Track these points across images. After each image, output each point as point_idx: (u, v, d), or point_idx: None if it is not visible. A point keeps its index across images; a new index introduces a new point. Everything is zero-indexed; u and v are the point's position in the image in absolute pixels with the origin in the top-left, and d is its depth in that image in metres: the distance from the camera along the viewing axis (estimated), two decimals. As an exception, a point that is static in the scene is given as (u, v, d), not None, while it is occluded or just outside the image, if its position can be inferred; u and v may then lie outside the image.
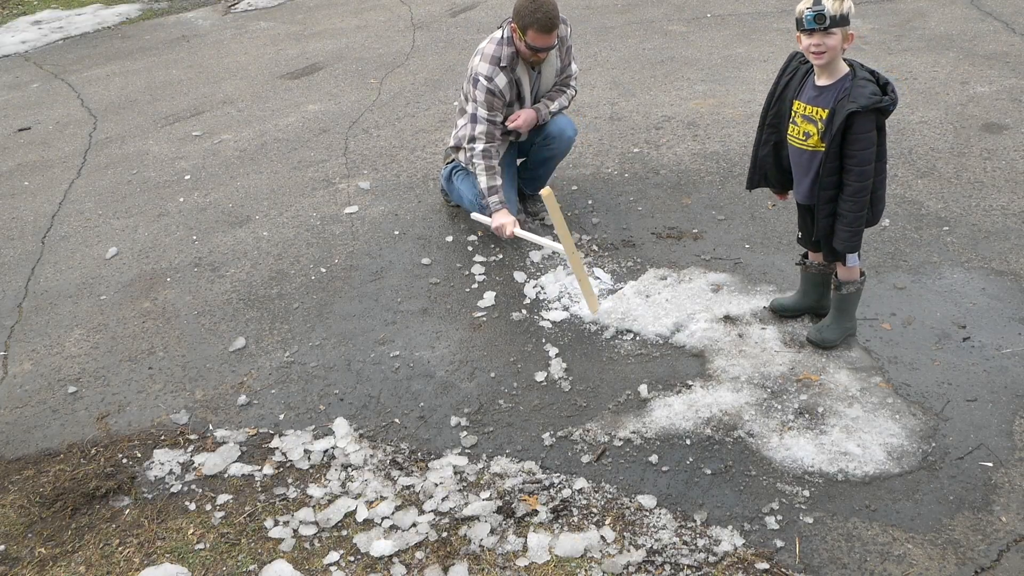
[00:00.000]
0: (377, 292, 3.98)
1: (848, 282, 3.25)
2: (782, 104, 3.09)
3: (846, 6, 2.86)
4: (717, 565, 2.54)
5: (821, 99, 2.95)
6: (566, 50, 4.21)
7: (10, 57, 8.26)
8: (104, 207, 5.03)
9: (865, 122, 2.86)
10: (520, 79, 4.10)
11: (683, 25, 7.12)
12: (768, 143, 3.18)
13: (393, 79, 6.58)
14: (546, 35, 3.86)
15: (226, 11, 9.12)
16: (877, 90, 2.86)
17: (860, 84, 2.87)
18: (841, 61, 2.94)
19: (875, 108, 2.83)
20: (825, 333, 3.35)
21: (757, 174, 3.26)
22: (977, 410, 3.00)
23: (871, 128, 2.88)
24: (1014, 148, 4.67)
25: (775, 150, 3.18)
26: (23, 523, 2.91)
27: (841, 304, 3.31)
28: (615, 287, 3.84)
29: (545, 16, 3.80)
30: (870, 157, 2.90)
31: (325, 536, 2.76)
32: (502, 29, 4.04)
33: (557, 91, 4.28)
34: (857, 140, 2.88)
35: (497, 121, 4.08)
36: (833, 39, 2.86)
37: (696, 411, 3.11)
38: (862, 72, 2.92)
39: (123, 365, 3.66)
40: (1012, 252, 3.81)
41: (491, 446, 3.07)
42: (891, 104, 2.86)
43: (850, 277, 3.25)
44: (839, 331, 3.35)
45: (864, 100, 2.82)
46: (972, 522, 2.61)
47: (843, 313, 3.33)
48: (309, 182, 5.07)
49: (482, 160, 4.05)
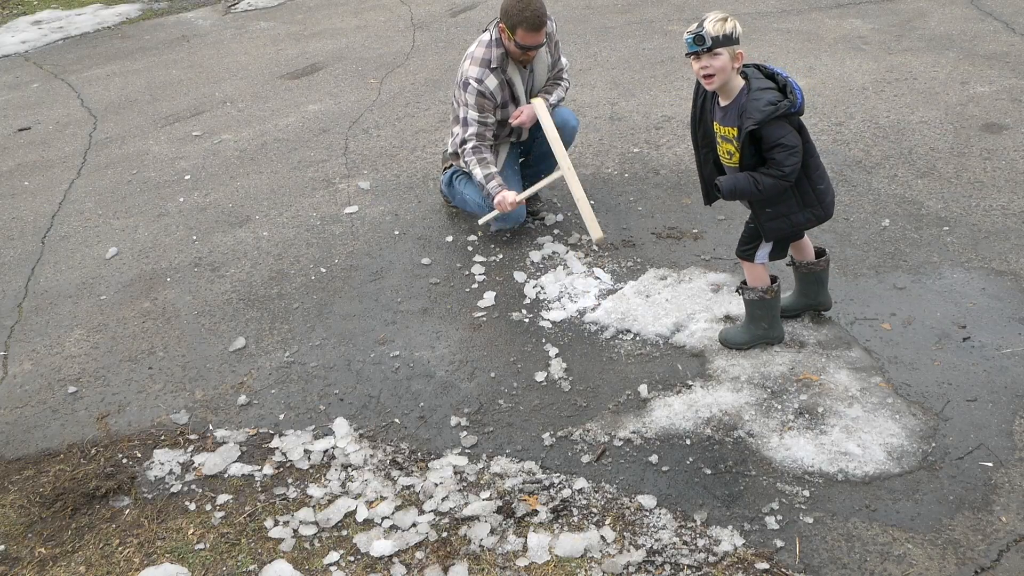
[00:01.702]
0: (377, 292, 3.98)
1: (751, 288, 3.25)
2: (706, 125, 3.11)
3: (728, 27, 2.83)
4: (717, 565, 2.54)
5: (728, 119, 2.97)
6: (555, 45, 4.23)
7: (10, 57, 8.26)
8: (104, 207, 5.04)
9: (773, 131, 2.87)
10: (512, 79, 4.10)
11: (683, 25, 7.12)
12: (708, 161, 3.20)
13: (393, 79, 6.58)
14: (535, 33, 3.87)
15: (226, 11, 9.12)
16: (774, 96, 2.85)
17: (754, 96, 2.86)
18: (736, 78, 2.92)
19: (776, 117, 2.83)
20: (731, 334, 3.36)
21: (711, 190, 3.22)
22: (977, 410, 3.00)
23: (784, 133, 2.87)
24: (1014, 148, 4.67)
25: (716, 165, 3.19)
26: (23, 523, 2.91)
27: (746, 307, 3.30)
28: (615, 287, 3.84)
29: (534, 14, 3.81)
30: (791, 159, 2.89)
31: (325, 536, 2.76)
32: (489, 32, 4.05)
33: (552, 85, 4.29)
34: (774, 147, 2.89)
35: (488, 123, 4.09)
36: (719, 60, 2.85)
37: (696, 411, 3.11)
38: (757, 82, 2.90)
39: (123, 365, 3.66)
40: (1012, 252, 3.81)
41: (491, 446, 3.07)
42: (791, 107, 2.85)
43: (754, 281, 3.23)
44: (746, 335, 3.33)
45: (758, 115, 2.83)
46: (972, 522, 2.61)
47: (751, 318, 3.31)
48: (309, 182, 5.07)
49: (473, 155, 4.08)
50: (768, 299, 3.24)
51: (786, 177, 2.93)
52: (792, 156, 2.89)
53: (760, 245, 3.17)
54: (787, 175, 2.92)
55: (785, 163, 2.89)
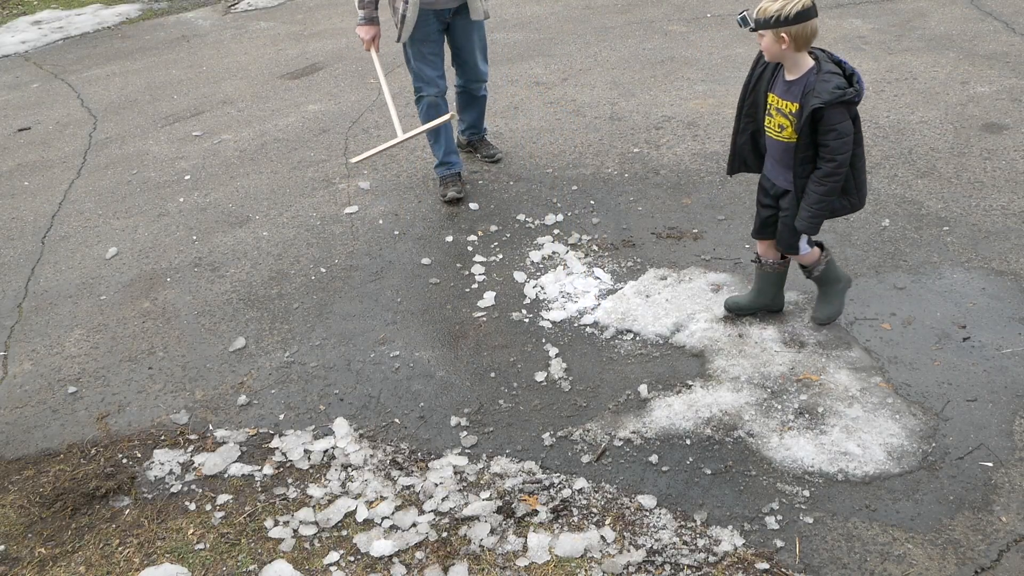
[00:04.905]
0: (377, 292, 3.98)
1: (813, 264, 3.38)
2: (756, 95, 3.17)
3: (772, 10, 2.89)
4: (717, 565, 2.54)
5: (790, 93, 3.02)
6: None
7: (10, 57, 8.26)
8: (104, 207, 5.04)
9: (834, 114, 2.93)
10: None
11: (683, 25, 7.12)
12: (746, 132, 3.26)
13: (393, 79, 6.57)
14: None
15: (226, 11, 9.12)
16: (842, 82, 2.91)
17: (824, 78, 2.93)
18: (804, 56, 2.98)
19: (841, 101, 2.89)
20: (827, 310, 3.47)
21: (736, 160, 3.35)
22: (977, 410, 3.00)
23: (842, 119, 2.94)
24: (1014, 148, 4.67)
25: (752, 138, 3.26)
26: (23, 523, 2.91)
27: (820, 281, 3.44)
28: (615, 287, 3.84)
29: None
30: (844, 147, 2.97)
31: (325, 536, 2.76)
32: None
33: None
34: (830, 131, 2.95)
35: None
36: (764, 40, 2.95)
37: (696, 411, 3.11)
38: (827, 65, 2.96)
39: (123, 365, 3.66)
40: (1012, 252, 3.81)
41: (491, 446, 3.07)
42: (856, 96, 2.92)
43: (810, 260, 3.37)
44: (836, 300, 3.47)
45: (827, 95, 2.89)
46: (972, 522, 2.61)
47: (828, 284, 3.45)
48: (309, 182, 5.07)
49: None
50: (832, 263, 3.40)
51: (839, 165, 2.99)
52: (845, 144, 2.96)
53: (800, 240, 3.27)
54: (840, 163, 2.99)
55: (838, 151, 2.97)
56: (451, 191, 4.61)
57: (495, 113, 5.61)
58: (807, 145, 3.01)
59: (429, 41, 4.37)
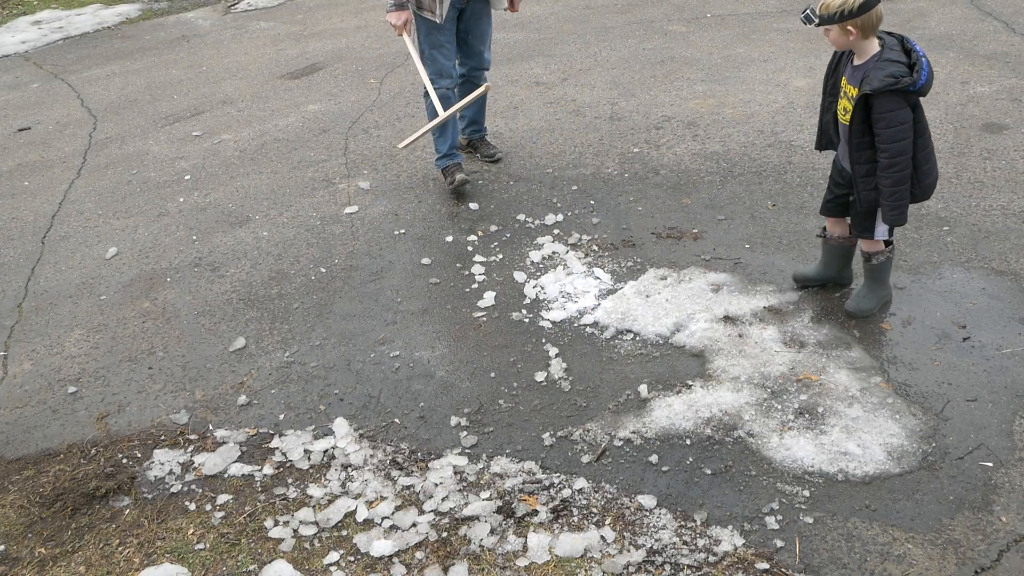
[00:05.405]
0: (377, 292, 3.98)
1: (875, 252, 3.39)
2: (837, 76, 3.25)
3: (834, 6, 2.96)
4: (717, 565, 2.54)
5: (854, 77, 3.10)
6: None
7: (10, 57, 8.26)
8: (104, 207, 5.04)
9: (886, 102, 2.96)
10: None
11: (683, 25, 7.12)
12: (830, 110, 3.34)
13: (393, 79, 6.58)
14: None
15: (226, 11, 9.12)
16: (899, 70, 2.94)
17: (881, 66, 2.97)
18: (872, 41, 3.04)
19: (893, 90, 2.92)
20: (862, 303, 3.47)
21: (824, 137, 3.43)
22: (977, 410, 3.00)
23: (895, 108, 2.96)
24: (1014, 148, 4.67)
25: (835, 117, 3.32)
26: (23, 523, 2.91)
27: (873, 274, 3.44)
28: (615, 287, 3.84)
29: None
30: (898, 135, 2.99)
31: (325, 536, 2.76)
32: None
33: None
34: (880, 119, 2.99)
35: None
36: (831, 34, 3.05)
37: (696, 411, 3.11)
38: (889, 52, 2.99)
39: (123, 365, 3.66)
40: (1012, 252, 3.81)
41: (491, 446, 3.07)
42: (911, 85, 2.94)
43: (876, 248, 3.38)
44: (875, 300, 3.47)
45: (877, 83, 2.93)
46: (972, 522, 2.61)
47: (877, 282, 3.46)
48: (309, 182, 5.07)
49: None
50: (892, 258, 3.42)
51: (893, 155, 3.02)
52: (898, 133, 2.99)
53: (877, 224, 3.29)
54: (893, 153, 3.02)
55: (889, 139, 3.00)
56: (459, 175, 4.61)
57: (495, 113, 5.61)
58: (861, 131, 3.08)
59: (445, 29, 4.40)
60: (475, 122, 5.03)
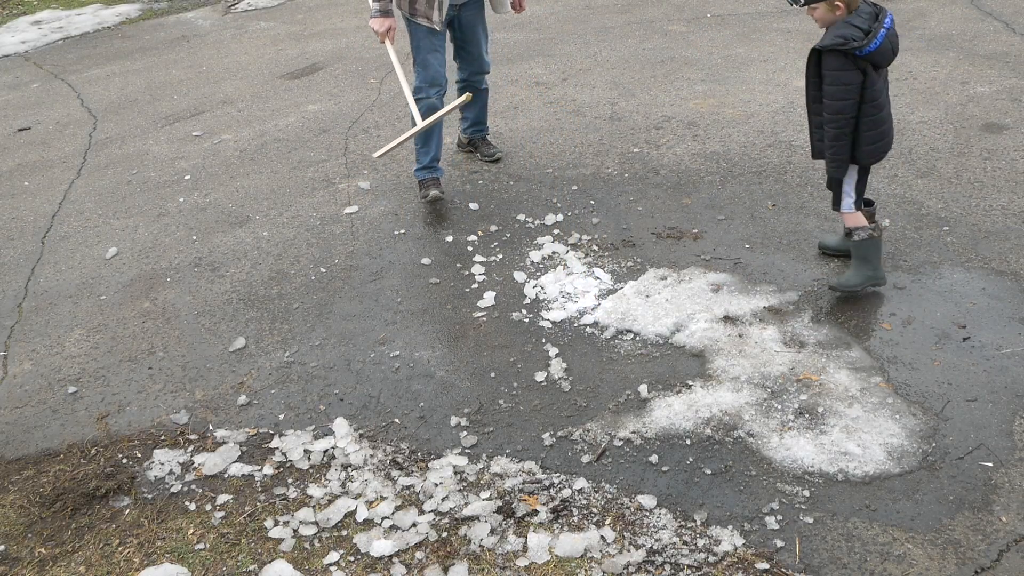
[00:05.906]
0: (377, 292, 3.98)
1: (855, 228, 3.46)
2: None
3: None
4: (717, 565, 2.54)
5: None
6: None
7: (10, 57, 8.26)
8: (104, 207, 5.04)
9: (831, 61, 3.12)
10: None
11: (683, 25, 7.13)
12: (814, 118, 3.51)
13: (393, 79, 6.57)
14: None
15: (226, 11, 9.13)
16: (853, 33, 3.07)
17: (839, 27, 3.11)
18: None
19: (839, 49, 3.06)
20: (844, 280, 3.54)
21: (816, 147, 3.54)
22: (977, 410, 3.00)
23: (839, 68, 3.11)
24: (1014, 148, 4.67)
25: None
26: (23, 523, 2.91)
27: (856, 251, 3.50)
28: (615, 287, 3.84)
29: None
30: (839, 95, 3.16)
31: (325, 536, 2.76)
32: None
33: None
34: (825, 76, 3.19)
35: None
36: (816, 13, 3.19)
37: (696, 411, 3.11)
38: (854, 19, 3.12)
39: (123, 365, 3.66)
40: (1012, 252, 3.81)
41: (491, 446, 3.07)
42: (858, 50, 3.06)
43: (855, 223, 3.46)
44: (859, 278, 3.52)
45: (828, 41, 3.10)
46: (972, 522, 2.61)
47: (861, 260, 3.50)
48: (309, 182, 5.07)
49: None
50: (876, 238, 3.46)
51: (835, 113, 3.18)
52: (839, 92, 3.14)
53: (842, 195, 3.41)
54: (834, 111, 3.17)
55: (830, 96, 3.16)
56: (434, 190, 4.53)
57: (495, 113, 5.61)
58: (815, 84, 3.27)
59: (440, 34, 4.37)
60: (478, 122, 5.02)
